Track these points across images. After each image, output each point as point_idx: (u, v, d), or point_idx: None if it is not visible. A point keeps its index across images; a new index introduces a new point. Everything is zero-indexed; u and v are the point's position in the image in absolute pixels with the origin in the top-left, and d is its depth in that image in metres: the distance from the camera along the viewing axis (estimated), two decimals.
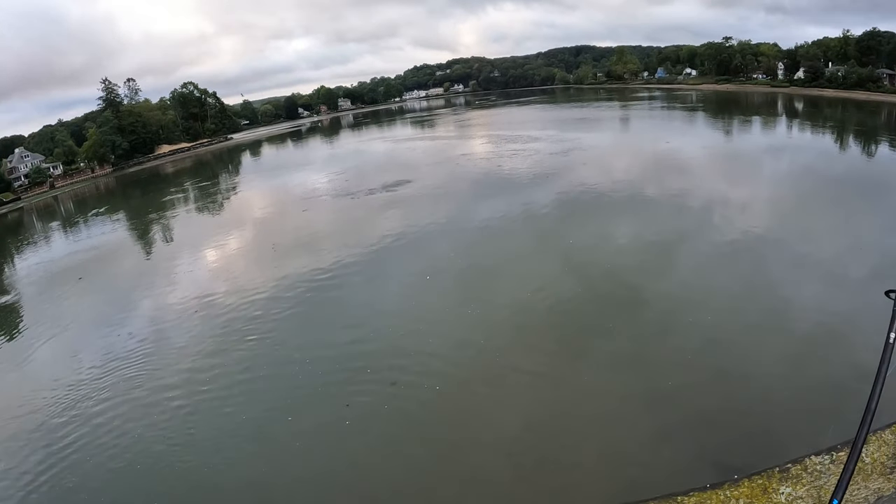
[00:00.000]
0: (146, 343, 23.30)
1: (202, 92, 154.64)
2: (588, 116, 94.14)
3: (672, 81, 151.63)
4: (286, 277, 28.24)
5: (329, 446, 14.54)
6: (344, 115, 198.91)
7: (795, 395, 13.96)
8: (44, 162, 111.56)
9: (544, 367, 16.90)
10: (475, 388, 16.30)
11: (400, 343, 19.47)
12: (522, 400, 15.41)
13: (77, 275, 37.63)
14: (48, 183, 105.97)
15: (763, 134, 60.53)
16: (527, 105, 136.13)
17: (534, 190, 39.46)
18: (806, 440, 11.85)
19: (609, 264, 24.12)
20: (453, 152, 65.59)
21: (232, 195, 66.08)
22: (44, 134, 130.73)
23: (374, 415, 15.46)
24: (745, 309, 18.78)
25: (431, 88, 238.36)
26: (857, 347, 14.46)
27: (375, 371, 17.70)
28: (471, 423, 14.74)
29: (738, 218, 28.76)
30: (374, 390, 16.60)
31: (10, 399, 20.19)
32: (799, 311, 18.18)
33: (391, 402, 15.93)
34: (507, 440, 13.80)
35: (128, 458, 15.25)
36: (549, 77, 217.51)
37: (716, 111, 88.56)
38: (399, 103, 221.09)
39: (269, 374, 18.73)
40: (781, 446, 11.85)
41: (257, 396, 17.43)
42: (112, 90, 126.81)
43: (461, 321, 20.61)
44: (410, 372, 17.41)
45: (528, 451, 13.37)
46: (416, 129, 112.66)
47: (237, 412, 16.65)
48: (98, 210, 71.69)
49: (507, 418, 14.61)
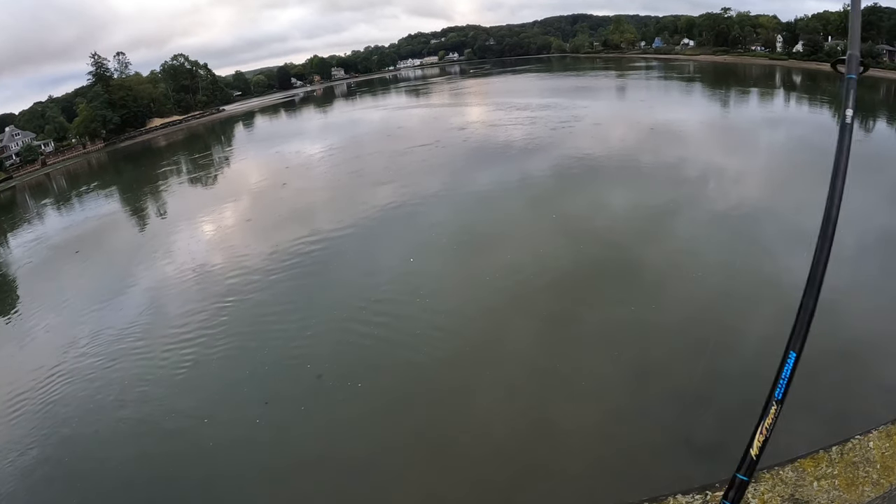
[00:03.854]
0: (145, 313, 23.63)
1: (193, 64, 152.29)
2: (585, 85, 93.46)
3: (669, 52, 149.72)
4: (278, 246, 28.43)
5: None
6: (338, 84, 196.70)
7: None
8: (35, 139, 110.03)
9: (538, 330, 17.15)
10: (469, 354, 16.55)
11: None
12: (514, 363, 15.58)
13: (73, 249, 37.94)
14: (40, 160, 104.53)
15: (760, 106, 60.15)
16: (523, 74, 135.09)
17: (529, 159, 39.34)
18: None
19: (603, 231, 24.19)
20: (448, 121, 65.05)
21: (225, 167, 65.70)
22: (34, 111, 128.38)
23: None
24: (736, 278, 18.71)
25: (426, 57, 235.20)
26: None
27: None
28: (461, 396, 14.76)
29: (732, 189, 28.75)
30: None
31: (15, 373, 20.49)
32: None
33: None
34: (497, 405, 13.84)
35: (135, 424, 15.70)
36: (545, 46, 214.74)
37: (713, 83, 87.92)
38: (393, 72, 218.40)
39: (271, 337, 18.94)
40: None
41: (257, 357, 17.95)
42: (102, 64, 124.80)
43: (456, 287, 20.82)
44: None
45: (521, 416, 13.46)
46: (411, 98, 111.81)
47: (237, 375, 17.18)
48: (91, 186, 71.07)
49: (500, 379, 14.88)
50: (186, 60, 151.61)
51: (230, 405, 15.85)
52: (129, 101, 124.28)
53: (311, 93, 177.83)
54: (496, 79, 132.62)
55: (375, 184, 38.29)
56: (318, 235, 29.18)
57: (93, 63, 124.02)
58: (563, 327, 17.30)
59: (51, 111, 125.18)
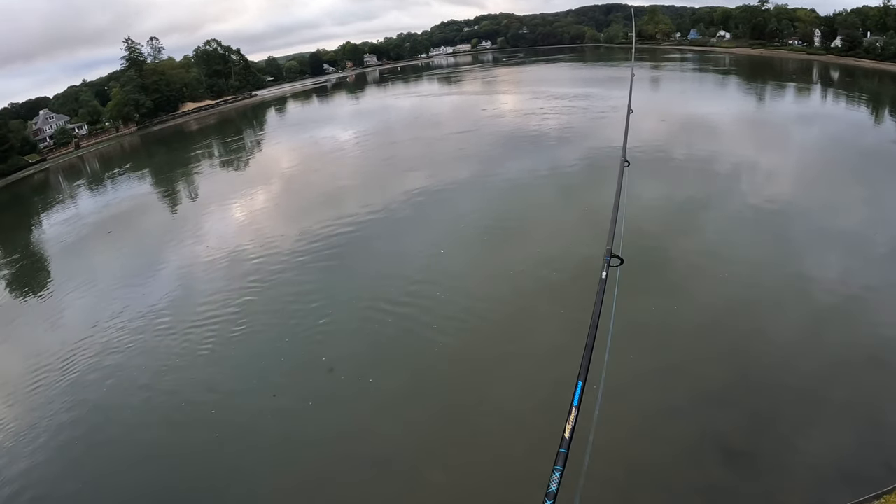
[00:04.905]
0: (174, 292, 24.22)
1: (226, 49, 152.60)
2: (619, 76, 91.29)
3: (705, 44, 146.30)
4: (308, 230, 28.76)
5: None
6: (370, 70, 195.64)
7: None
8: (68, 122, 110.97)
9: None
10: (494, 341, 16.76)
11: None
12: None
13: (107, 229, 38.77)
14: (73, 143, 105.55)
15: (797, 102, 58.70)
16: (556, 63, 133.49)
17: (562, 149, 38.90)
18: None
19: (634, 225, 23.28)
20: (481, 109, 64.32)
21: (256, 151, 66.01)
22: (68, 95, 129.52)
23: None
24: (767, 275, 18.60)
25: (459, 45, 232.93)
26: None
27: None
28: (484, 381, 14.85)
29: (765, 185, 28.24)
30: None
31: (48, 344, 21.53)
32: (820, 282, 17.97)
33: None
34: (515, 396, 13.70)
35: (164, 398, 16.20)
36: (578, 35, 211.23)
37: (749, 76, 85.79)
38: (426, 59, 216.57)
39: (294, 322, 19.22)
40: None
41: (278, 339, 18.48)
42: (135, 49, 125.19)
43: (483, 277, 20.80)
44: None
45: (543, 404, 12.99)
46: (444, 86, 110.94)
47: (261, 354, 17.79)
48: (123, 168, 71.61)
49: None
50: (219, 46, 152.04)
51: (250, 380, 16.43)
52: (162, 85, 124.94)
53: (344, 79, 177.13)
54: (529, 68, 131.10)
55: (406, 170, 38.08)
56: (349, 220, 29.26)
57: (126, 48, 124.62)
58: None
59: (84, 95, 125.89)
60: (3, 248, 42.58)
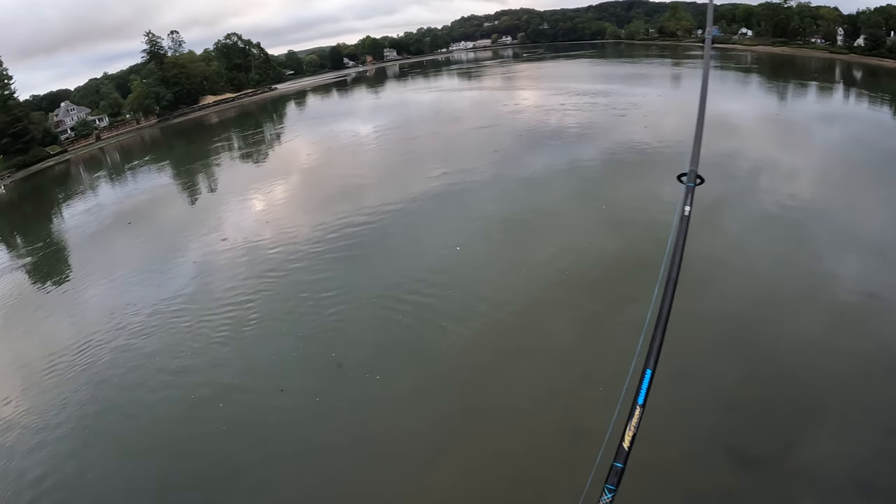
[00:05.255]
0: (191, 283, 24.43)
1: (246, 43, 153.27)
2: (640, 73, 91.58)
3: (726, 41, 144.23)
4: (326, 223, 28.77)
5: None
6: (390, 65, 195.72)
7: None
8: (89, 115, 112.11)
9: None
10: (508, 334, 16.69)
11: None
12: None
13: (126, 220, 39.19)
14: (94, 135, 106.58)
15: (818, 101, 57.81)
16: (576, 59, 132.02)
17: (582, 145, 38.62)
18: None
19: (651, 223, 23.21)
20: (501, 105, 64.09)
21: (275, 144, 66.09)
22: (89, 87, 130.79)
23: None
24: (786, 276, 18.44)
25: (479, 40, 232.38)
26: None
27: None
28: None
29: (785, 185, 27.82)
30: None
31: (66, 332, 21.88)
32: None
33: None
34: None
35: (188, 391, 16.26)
36: (599, 31, 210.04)
37: (771, 74, 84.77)
38: (446, 54, 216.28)
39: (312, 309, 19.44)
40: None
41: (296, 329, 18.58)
42: (155, 42, 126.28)
43: (499, 273, 20.69)
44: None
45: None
46: (464, 81, 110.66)
47: (272, 347, 17.81)
48: (144, 160, 72.23)
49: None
50: (239, 39, 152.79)
51: (259, 374, 16.57)
52: (183, 78, 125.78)
53: (364, 73, 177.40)
54: (549, 63, 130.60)
55: (426, 165, 37.95)
56: (368, 213, 29.28)
57: (147, 41, 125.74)
58: (607, 319, 16.92)
59: (105, 87, 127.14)
60: (24, 237, 43.29)
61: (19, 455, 14.82)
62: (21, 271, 32.86)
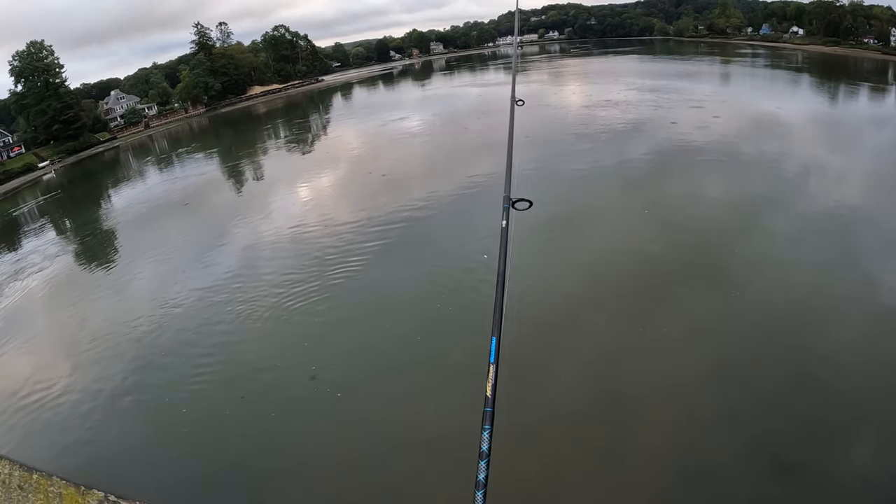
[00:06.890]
0: (235, 268, 24.89)
1: (293, 35, 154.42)
2: (690, 71, 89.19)
3: (777, 39, 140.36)
4: (374, 213, 28.88)
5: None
6: (436, 58, 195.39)
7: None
8: (138, 103, 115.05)
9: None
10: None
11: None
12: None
13: (178, 204, 40.46)
14: (143, 123, 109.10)
15: (871, 104, 55.40)
16: (624, 55, 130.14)
17: (629, 143, 37.95)
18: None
19: (697, 223, 23.40)
20: (547, 100, 62.98)
21: (322, 135, 66.68)
22: (139, 77, 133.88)
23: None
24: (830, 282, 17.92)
25: (526, 34, 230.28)
26: None
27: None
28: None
29: (835, 189, 27.13)
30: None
31: (118, 310, 22.85)
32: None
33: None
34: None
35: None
36: (647, 27, 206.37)
37: (822, 75, 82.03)
38: (492, 48, 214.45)
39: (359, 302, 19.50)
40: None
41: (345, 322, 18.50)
42: (204, 34, 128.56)
43: (540, 271, 20.15)
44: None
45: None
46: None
47: (308, 335, 18.02)
48: (191, 148, 73.46)
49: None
50: (287, 31, 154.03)
51: (292, 360, 16.73)
52: (231, 69, 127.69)
53: (410, 66, 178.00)
54: (597, 59, 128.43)
55: (471, 159, 37.55)
56: (413, 205, 29.40)
57: (196, 32, 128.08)
58: (647, 320, 16.61)
59: (155, 77, 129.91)
60: (72, 219, 44.74)
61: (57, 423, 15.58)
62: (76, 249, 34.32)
